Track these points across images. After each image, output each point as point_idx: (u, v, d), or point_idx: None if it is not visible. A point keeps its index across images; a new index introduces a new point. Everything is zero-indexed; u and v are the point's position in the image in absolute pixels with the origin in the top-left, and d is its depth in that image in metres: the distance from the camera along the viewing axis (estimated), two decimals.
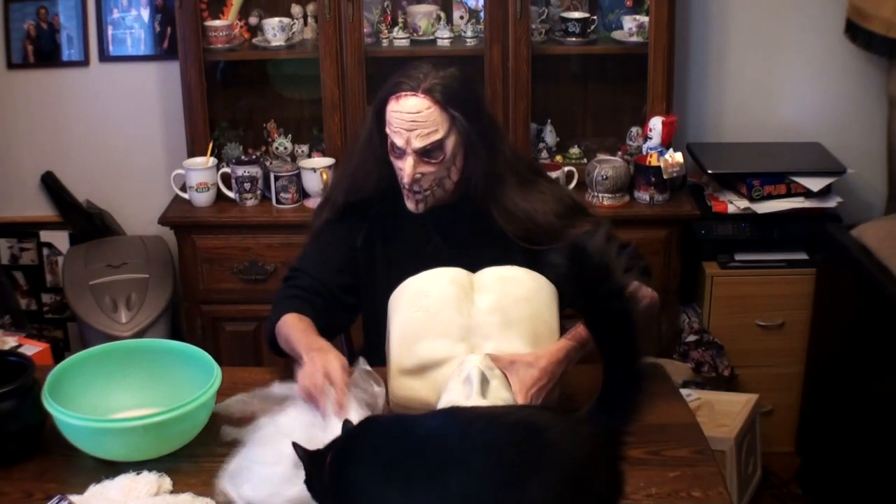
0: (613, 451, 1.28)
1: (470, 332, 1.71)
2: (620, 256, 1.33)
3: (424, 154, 1.86)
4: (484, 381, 1.60)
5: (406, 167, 1.86)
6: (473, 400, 1.56)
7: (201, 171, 3.00)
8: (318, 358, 1.68)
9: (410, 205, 1.92)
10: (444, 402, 1.59)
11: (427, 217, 1.96)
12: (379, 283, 2.00)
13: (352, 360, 2.33)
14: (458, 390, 1.60)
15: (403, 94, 1.85)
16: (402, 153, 1.87)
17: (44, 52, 3.26)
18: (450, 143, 1.86)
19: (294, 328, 1.87)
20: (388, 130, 1.87)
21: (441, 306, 1.73)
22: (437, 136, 1.84)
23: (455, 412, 1.44)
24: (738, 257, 3.06)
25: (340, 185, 2.06)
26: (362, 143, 2.01)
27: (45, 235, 3.42)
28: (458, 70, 1.93)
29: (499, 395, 1.61)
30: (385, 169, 1.96)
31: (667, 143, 2.94)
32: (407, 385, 1.72)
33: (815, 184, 2.99)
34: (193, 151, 3.05)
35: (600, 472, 1.27)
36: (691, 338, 3.02)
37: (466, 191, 1.94)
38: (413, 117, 1.83)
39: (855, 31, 3.07)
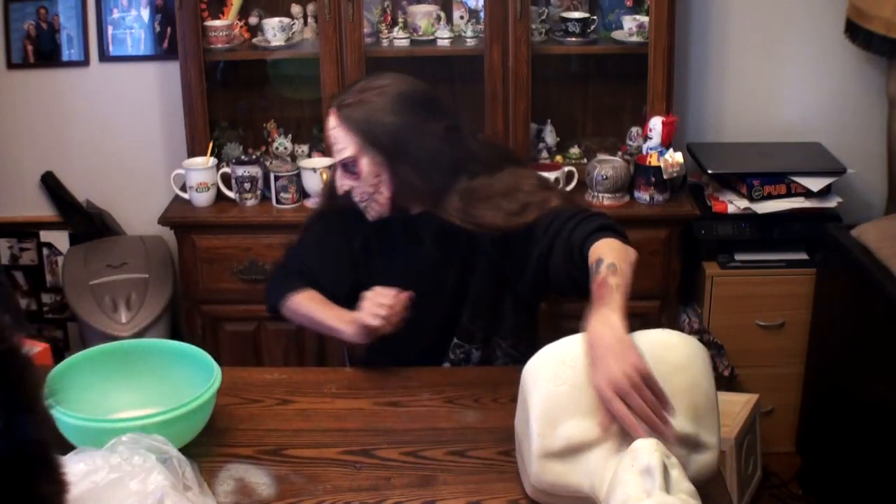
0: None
1: None
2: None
3: (344, 168, 1.93)
4: (665, 473, 1.38)
5: (336, 180, 1.96)
6: (657, 496, 1.34)
7: (201, 171, 3.00)
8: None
9: (366, 214, 1.99)
10: (620, 498, 1.37)
11: (417, 220, 1.99)
12: (364, 280, 2.02)
13: (352, 356, 2.34)
14: (635, 483, 1.37)
15: (330, 110, 1.94)
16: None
17: (44, 52, 3.26)
18: (365, 162, 1.90)
19: (314, 303, 2.01)
20: None
21: (589, 378, 1.49)
22: (347, 154, 1.91)
23: None
24: (738, 257, 3.06)
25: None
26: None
27: (45, 235, 3.42)
28: (390, 91, 1.91)
29: (681, 488, 1.38)
30: None
31: (667, 143, 2.94)
32: (553, 469, 1.49)
33: (815, 184, 2.99)
34: (193, 151, 3.05)
35: None
36: None
37: (418, 201, 1.97)
38: (330, 133, 1.93)
39: (855, 31, 3.07)
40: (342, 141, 1.90)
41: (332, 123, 1.92)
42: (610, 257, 1.67)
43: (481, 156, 1.99)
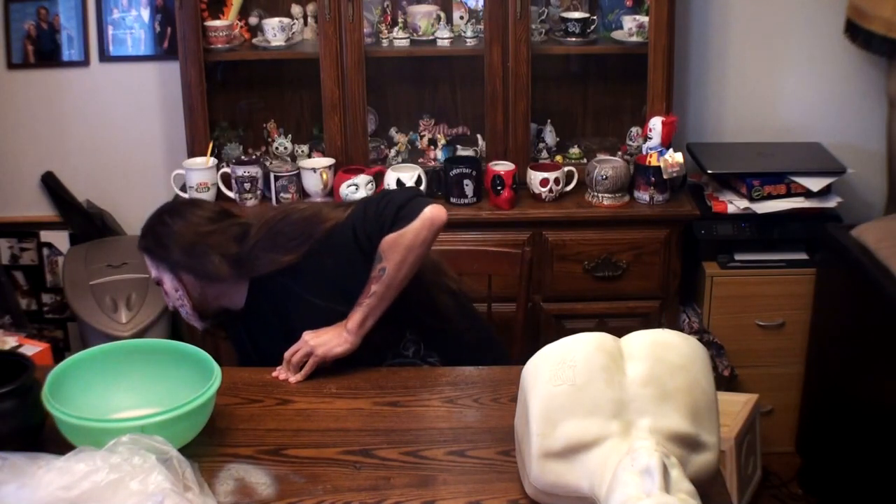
0: None
1: (623, 407, 1.48)
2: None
3: (159, 286, 2.16)
4: (665, 473, 1.38)
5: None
6: (657, 497, 1.34)
7: (201, 171, 3.00)
8: None
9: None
10: (619, 499, 1.37)
11: (261, 296, 2.11)
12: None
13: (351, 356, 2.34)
14: (634, 483, 1.37)
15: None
16: None
17: (44, 52, 3.26)
18: (165, 281, 2.11)
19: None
20: None
21: (589, 378, 1.49)
22: (152, 276, 2.14)
23: None
24: (738, 257, 3.06)
25: None
26: None
27: (45, 235, 3.42)
28: (172, 213, 2.19)
29: (682, 487, 1.38)
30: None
31: (667, 143, 2.94)
32: (553, 469, 1.49)
33: (815, 184, 2.99)
34: (193, 151, 3.05)
35: None
36: None
37: (212, 304, 2.15)
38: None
39: (855, 31, 3.07)
40: (147, 266, 2.14)
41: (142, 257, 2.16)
42: (384, 261, 1.95)
43: (240, 222, 2.16)
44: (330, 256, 2.02)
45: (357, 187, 2.88)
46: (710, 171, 3.05)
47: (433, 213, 1.96)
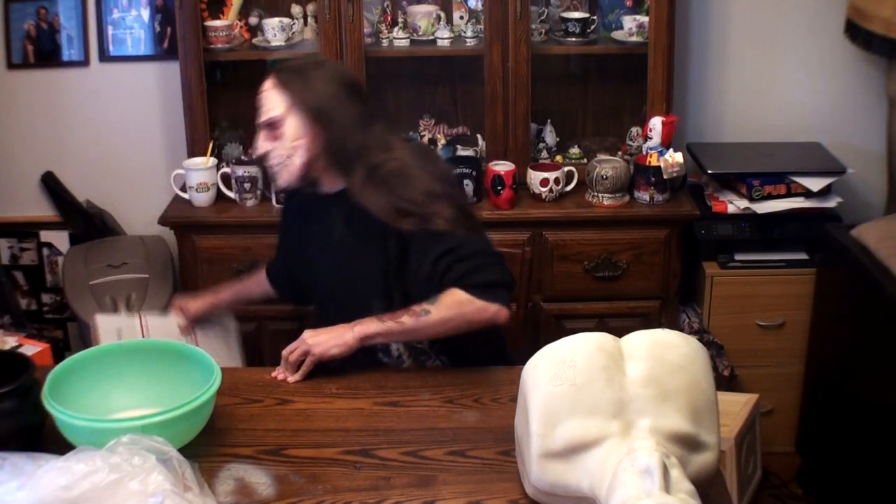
0: None
1: (623, 407, 1.47)
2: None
3: (267, 129, 2.03)
4: (665, 473, 1.38)
5: (257, 142, 2.07)
6: (657, 497, 1.34)
7: (201, 171, 3.00)
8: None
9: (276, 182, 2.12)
10: (619, 499, 1.37)
11: (332, 201, 2.10)
12: (302, 265, 2.24)
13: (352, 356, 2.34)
14: (634, 483, 1.37)
15: (269, 73, 2.08)
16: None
17: (44, 52, 3.26)
18: (289, 123, 2.01)
19: None
20: None
21: (589, 378, 1.49)
22: (274, 113, 2.02)
23: None
24: (738, 257, 3.06)
25: None
26: None
27: (45, 235, 3.42)
28: (327, 70, 2.09)
29: (682, 487, 1.38)
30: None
31: (667, 143, 2.94)
32: (553, 469, 1.49)
33: (815, 184, 2.99)
34: (193, 151, 3.05)
35: None
36: None
37: (336, 178, 2.07)
38: (262, 94, 2.04)
39: (855, 31, 3.07)
40: (272, 101, 2.02)
41: (267, 86, 2.04)
42: (435, 306, 1.94)
43: (392, 148, 2.08)
44: (414, 246, 2.00)
45: None
46: (710, 171, 3.05)
47: (500, 313, 1.96)
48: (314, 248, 2.20)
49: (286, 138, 2.02)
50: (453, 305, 1.93)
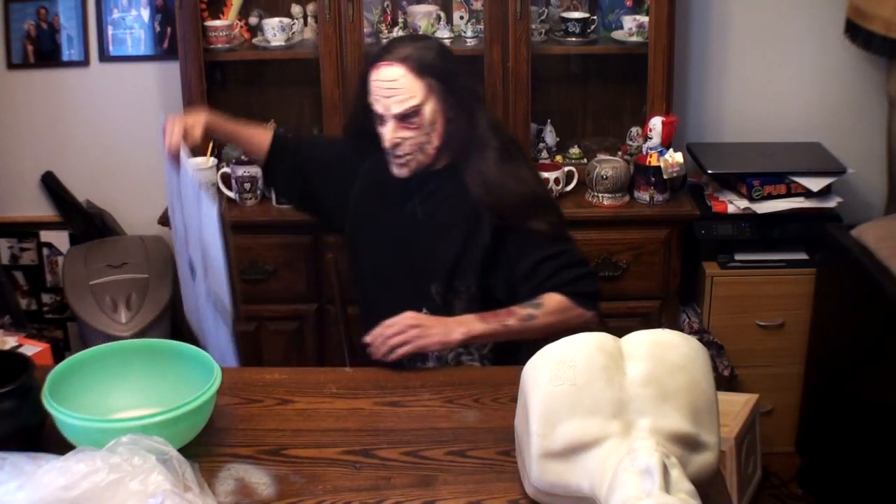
0: None
1: (623, 407, 1.47)
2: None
3: (403, 119, 1.99)
4: (665, 473, 1.38)
5: (387, 133, 2.00)
6: (657, 497, 1.34)
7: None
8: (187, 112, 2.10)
9: (395, 170, 2.06)
10: (619, 499, 1.37)
11: (412, 181, 2.07)
12: (355, 229, 2.22)
13: (352, 356, 2.34)
14: (634, 484, 1.37)
15: (381, 63, 1.99)
16: (383, 120, 2.01)
17: (44, 52, 3.26)
18: (427, 109, 1.98)
19: None
20: (370, 100, 2.02)
21: (589, 378, 1.49)
22: (414, 102, 1.97)
23: None
24: (738, 257, 3.06)
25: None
26: (351, 114, 2.21)
27: (45, 235, 3.42)
28: (434, 41, 2.10)
29: (682, 487, 1.38)
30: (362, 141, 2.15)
31: (667, 143, 2.94)
32: (553, 469, 1.49)
33: (815, 184, 2.99)
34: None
35: None
36: None
37: (449, 156, 2.06)
38: (390, 84, 1.97)
39: (855, 31, 3.07)
40: (409, 89, 1.97)
41: (397, 73, 1.97)
42: (541, 311, 1.95)
43: (498, 129, 2.10)
44: (516, 243, 2.02)
45: None
46: (710, 171, 3.05)
47: (593, 320, 2.02)
48: (377, 211, 2.16)
49: (424, 125, 2.00)
50: (557, 312, 1.96)
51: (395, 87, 1.97)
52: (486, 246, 2.03)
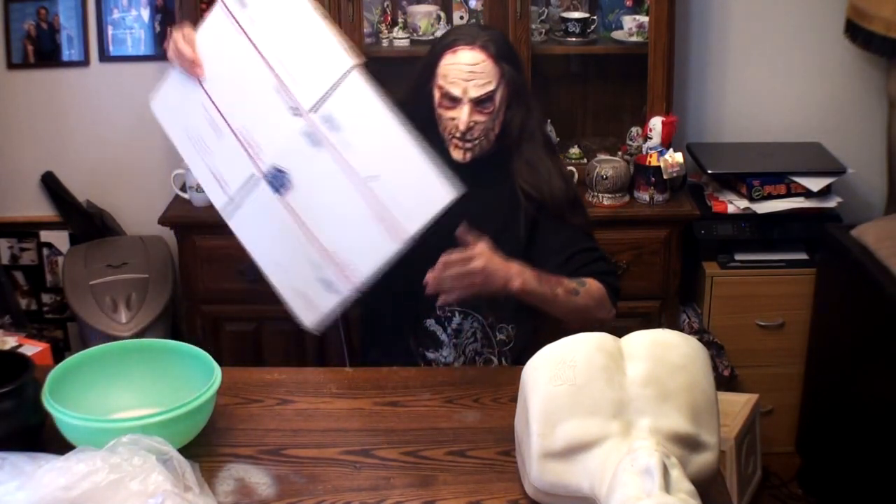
0: None
1: (623, 407, 1.47)
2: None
3: (478, 104, 1.99)
4: (665, 473, 1.38)
5: (462, 116, 1.99)
6: (657, 497, 1.34)
7: None
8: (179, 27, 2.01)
9: (457, 154, 2.04)
10: (619, 499, 1.37)
11: (467, 167, 2.04)
12: None
13: (352, 356, 2.34)
14: (634, 484, 1.37)
15: (460, 47, 1.99)
16: (456, 103, 2.00)
17: (44, 52, 3.26)
18: (499, 95, 2.00)
19: None
20: (441, 83, 2.01)
21: (589, 378, 1.49)
22: (491, 87, 1.98)
23: None
24: (738, 257, 3.06)
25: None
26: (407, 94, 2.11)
27: (45, 235, 3.42)
28: (499, 31, 2.14)
29: (682, 487, 1.38)
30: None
31: (667, 143, 2.94)
32: (553, 469, 1.49)
33: (815, 184, 2.99)
34: None
35: None
36: None
37: (499, 145, 2.07)
38: (471, 68, 1.97)
39: (855, 31, 3.07)
40: (487, 74, 1.98)
41: (478, 58, 1.98)
42: (584, 289, 1.96)
43: (542, 124, 2.15)
44: (549, 233, 2.05)
45: None
46: (710, 171, 3.05)
47: (610, 317, 2.06)
48: None
49: (495, 111, 2.01)
50: (595, 298, 1.98)
51: (475, 71, 1.97)
52: (525, 237, 2.05)
